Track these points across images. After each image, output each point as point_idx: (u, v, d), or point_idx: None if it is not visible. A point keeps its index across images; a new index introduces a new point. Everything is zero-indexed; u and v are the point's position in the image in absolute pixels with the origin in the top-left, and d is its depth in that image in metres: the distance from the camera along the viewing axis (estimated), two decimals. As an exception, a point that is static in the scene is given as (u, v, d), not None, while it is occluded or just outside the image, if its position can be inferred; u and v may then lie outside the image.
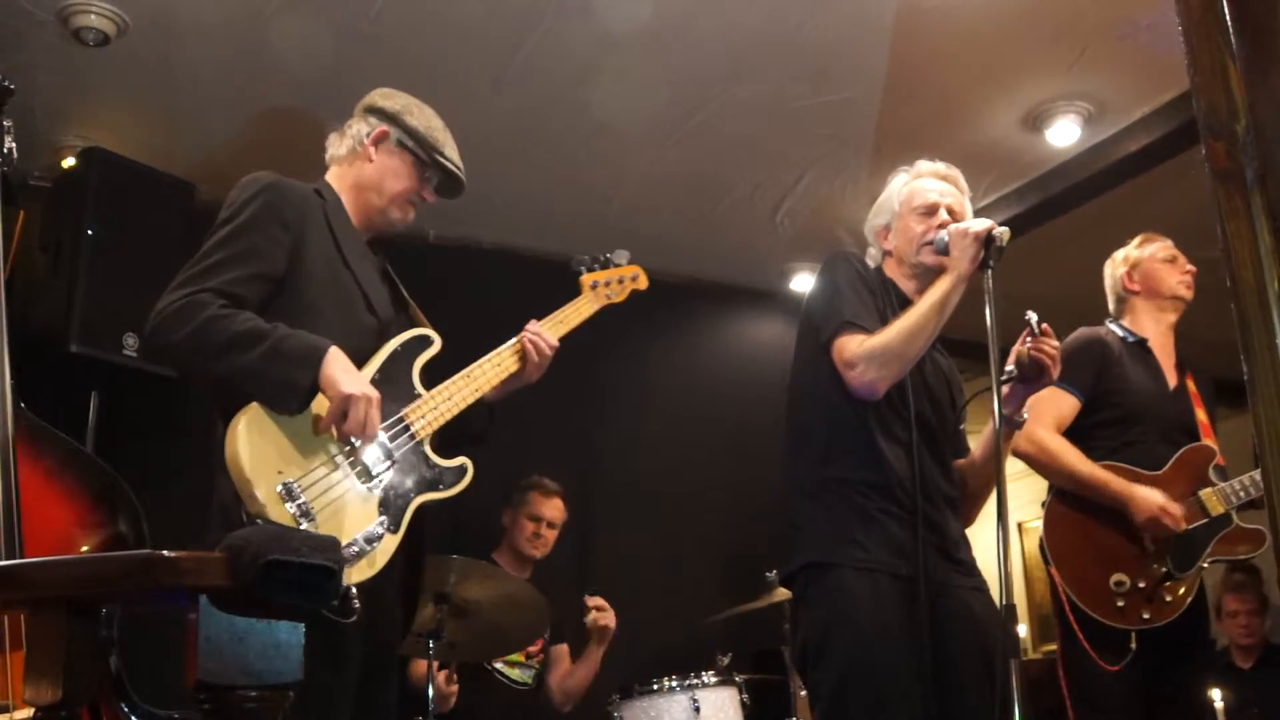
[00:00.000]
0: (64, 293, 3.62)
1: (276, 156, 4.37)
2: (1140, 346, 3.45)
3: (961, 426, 2.80)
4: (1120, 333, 3.49)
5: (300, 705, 1.42)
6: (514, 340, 2.60)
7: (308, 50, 3.75)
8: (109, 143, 3.95)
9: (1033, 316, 2.54)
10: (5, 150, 2.48)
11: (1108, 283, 3.65)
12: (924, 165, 2.87)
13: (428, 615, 3.38)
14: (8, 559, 2.08)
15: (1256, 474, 3.20)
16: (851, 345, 2.54)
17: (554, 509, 4.24)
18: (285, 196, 2.38)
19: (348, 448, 2.24)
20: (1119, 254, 3.66)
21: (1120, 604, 3.09)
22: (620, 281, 2.90)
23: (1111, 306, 3.63)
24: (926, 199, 2.76)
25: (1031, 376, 2.55)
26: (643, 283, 2.96)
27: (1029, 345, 2.53)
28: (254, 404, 2.15)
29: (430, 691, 3.36)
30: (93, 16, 3.52)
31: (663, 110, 4.26)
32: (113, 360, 3.65)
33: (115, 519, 2.37)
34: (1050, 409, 3.26)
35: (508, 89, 4.04)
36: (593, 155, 4.55)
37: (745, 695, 3.74)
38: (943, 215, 2.73)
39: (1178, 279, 3.51)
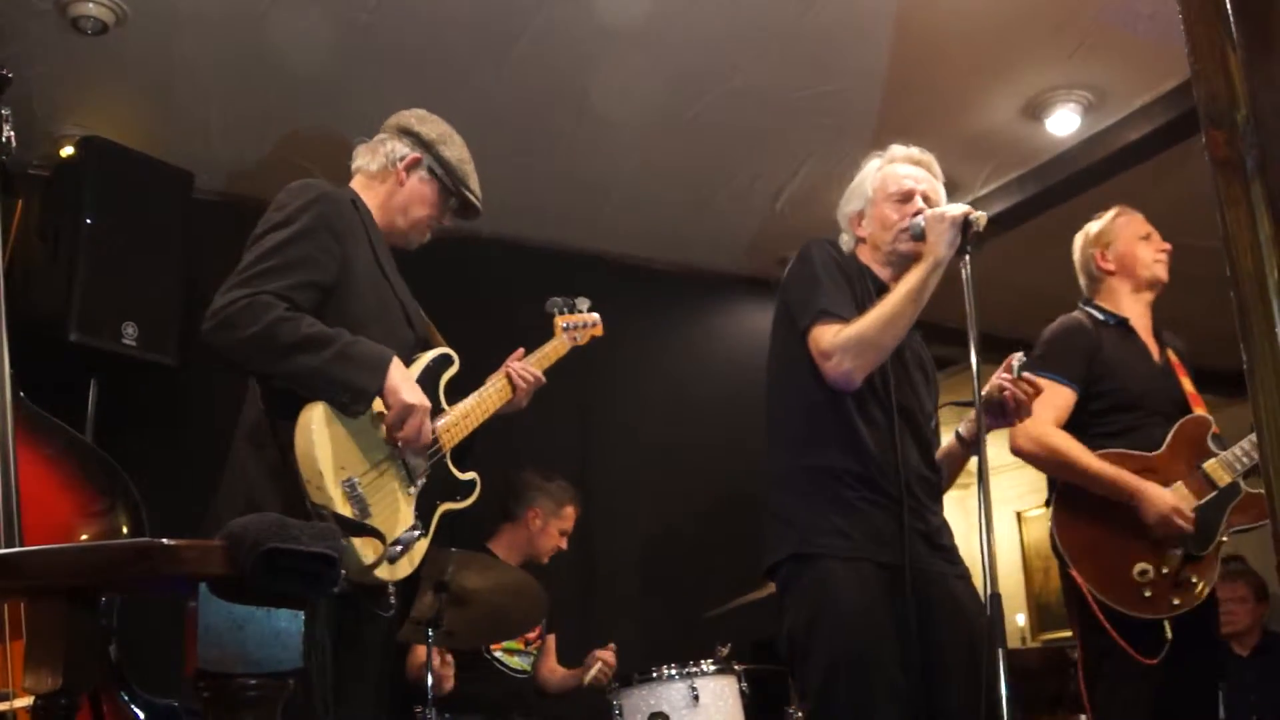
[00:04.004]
0: (63, 282, 3.61)
1: (275, 145, 4.38)
2: (1122, 326, 3.32)
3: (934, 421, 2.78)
4: (1100, 315, 3.34)
5: (324, 689, 1.44)
6: (500, 373, 2.75)
7: (306, 40, 3.74)
8: (107, 132, 3.93)
9: (1017, 359, 2.53)
10: (4, 139, 2.48)
11: (1078, 260, 3.48)
12: (898, 150, 2.82)
13: (427, 604, 3.39)
14: (7, 548, 2.08)
15: (1254, 436, 3.13)
16: (827, 335, 2.51)
17: (574, 520, 4.34)
18: (336, 207, 2.48)
19: (396, 452, 2.36)
20: (1091, 229, 3.48)
21: (1148, 594, 2.98)
22: (584, 326, 3.09)
23: (1084, 286, 3.47)
24: (901, 185, 2.73)
25: (995, 412, 2.56)
26: (599, 330, 3.13)
27: (1002, 382, 2.52)
28: (321, 402, 2.24)
29: (430, 679, 3.37)
30: (91, 5, 3.51)
31: (661, 100, 4.25)
32: (112, 349, 3.64)
33: (114, 508, 2.37)
34: (1047, 404, 3.07)
35: (507, 79, 4.03)
36: (592, 145, 4.54)
37: (744, 684, 3.74)
38: (918, 202, 2.69)
39: (1154, 258, 3.36)
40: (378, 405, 2.32)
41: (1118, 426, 3.17)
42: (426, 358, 2.55)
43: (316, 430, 2.20)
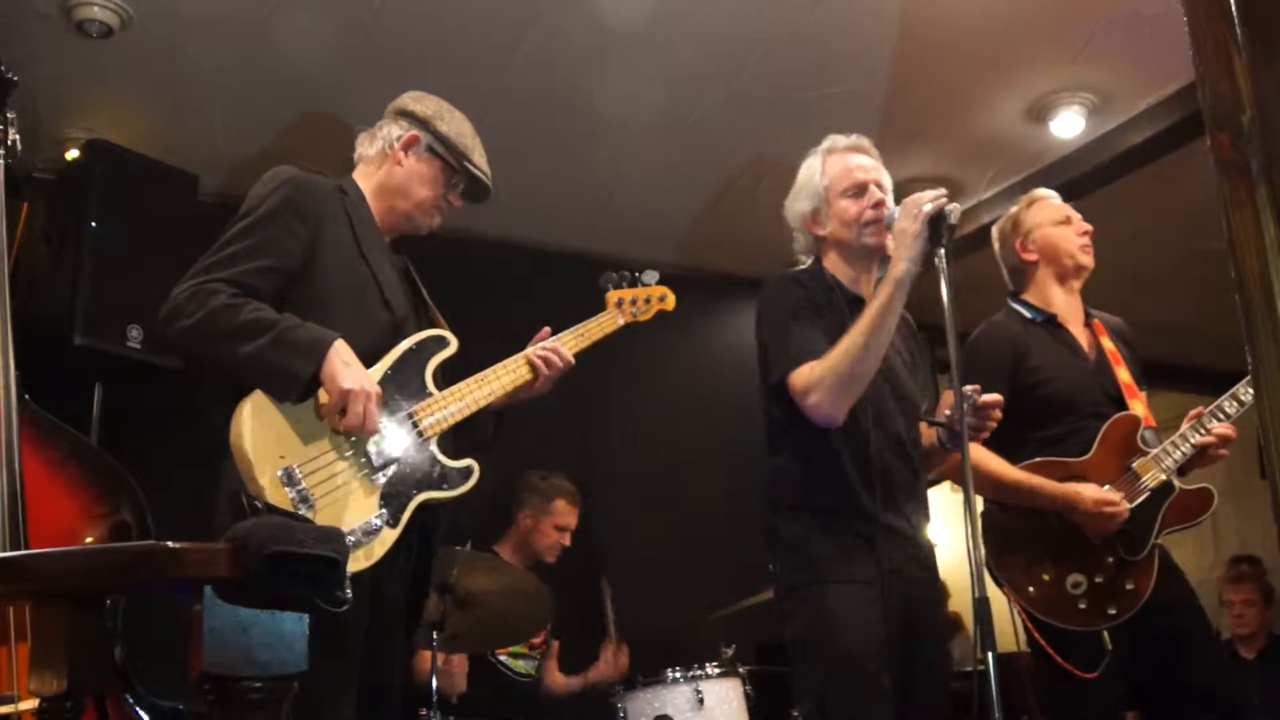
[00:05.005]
0: (68, 285, 3.62)
1: (279, 148, 4.39)
2: (1051, 323, 3.16)
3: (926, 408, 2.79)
4: (1027, 313, 3.19)
5: (296, 697, 1.42)
6: (528, 350, 2.60)
7: (310, 42, 3.75)
8: (112, 135, 3.94)
9: (971, 395, 2.51)
10: (9, 142, 2.49)
11: (1000, 255, 3.32)
12: (838, 140, 2.81)
13: (431, 606, 3.38)
14: (12, 550, 2.08)
15: (1186, 429, 2.99)
16: (802, 376, 2.54)
17: (575, 516, 4.29)
18: (304, 190, 2.38)
19: (353, 439, 2.24)
20: (1006, 218, 3.33)
21: (1082, 605, 2.87)
22: (647, 301, 2.92)
23: (1008, 279, 3.32)
24: (854, 178, 2.72)
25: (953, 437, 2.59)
26: (670, 303, 2.98)
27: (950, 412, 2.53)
28: (257, 390, 2.16)
29: (434, 683, 3.36)
30: (96, 9, 3.52)
31: (666, 103, 4.26)
32: (117, 352, 3.65)
33: (119, 511, 2.38)
34: None
35: (510, 82, 4.04)
36: (595, 148, 4.55)
37: (749, 686, 3.73)
38: (875, 192, 2.69)
39: (1077, 244, 3.19)
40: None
41: (1054, 432, 3.05)
42: (409, 341, 2.40)
43: (246, 419, 2.12)
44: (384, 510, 2.24)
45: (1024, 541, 2.98)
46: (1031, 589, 2.93)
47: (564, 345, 2.63)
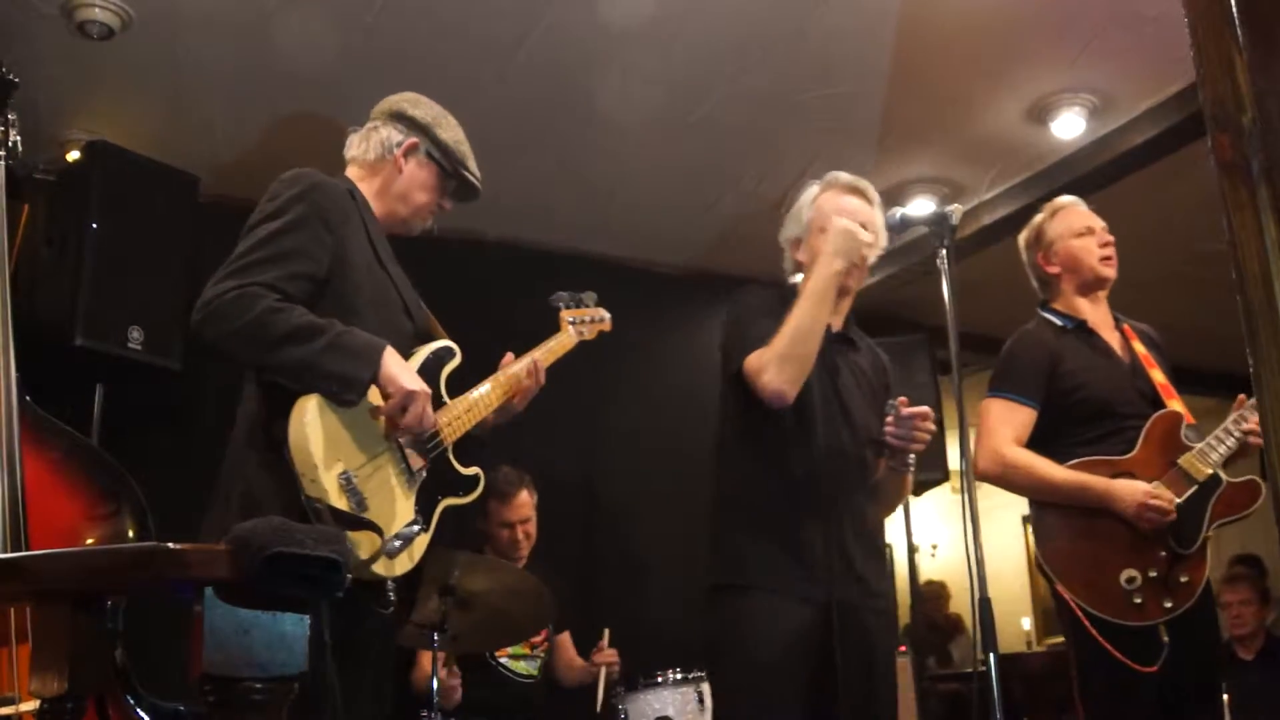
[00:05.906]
0: (68, 286, 3.61)
1: (280, 149, 4.39)
2: (1082, 329, 3.18)
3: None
4: (1057, 321, 3.22)
5: (319, 695, 1.44)
6: (506, 371, 2.68)
7: (311, 43, 3.75)
8: (113, 136, 3.94)
9: (890, 407, 2.68)
10: (10, 143, 2.49)
11: (1026, 263, 3.36)
12: (840, 177, 2.91)
13: (432, 608, 3.38)
14: (13, 551, 2.08)
15: (1229, 423, 3.01)
16: (753, 360, 2.68)
17: (520, 507, 4.14)
18: (329, 197, 2.41)
19: (394, 445, 2.30)
20: (1030, 228, 3.36)
21: (1138, 600, 2.87)
22: (591, 321, 3.04)
23: (1037, 289, 3.35)
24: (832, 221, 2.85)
25: (897, 455, 2.73)
26: (608, 325, 3.09)
27: (887, 431, 2.69)
28: (315, 394, 2.18)
29: (434, 685, 3.36)
30: (97, 10, 3.52)
31: (666, 103, 4.26)
32: (117, 353, 3.64)
33: (120, 512, 2.38)
34: (1007, 424, 3.08)
35: (511, 82, 4.04)
36: (596, 148, 4.55)
37: (749, 688, 3.73)
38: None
39: (1099, 255, 3.20)
40: (375, 397, 2.25)
41: (1093, 434, 3.06)
42: (427, 349, 2.48)
43: (310, 422, 2.14)
44: (418, 514, 2.32)
45: (1075, 539, 2.99)
46: (1085, 586, 2.93)
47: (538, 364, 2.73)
